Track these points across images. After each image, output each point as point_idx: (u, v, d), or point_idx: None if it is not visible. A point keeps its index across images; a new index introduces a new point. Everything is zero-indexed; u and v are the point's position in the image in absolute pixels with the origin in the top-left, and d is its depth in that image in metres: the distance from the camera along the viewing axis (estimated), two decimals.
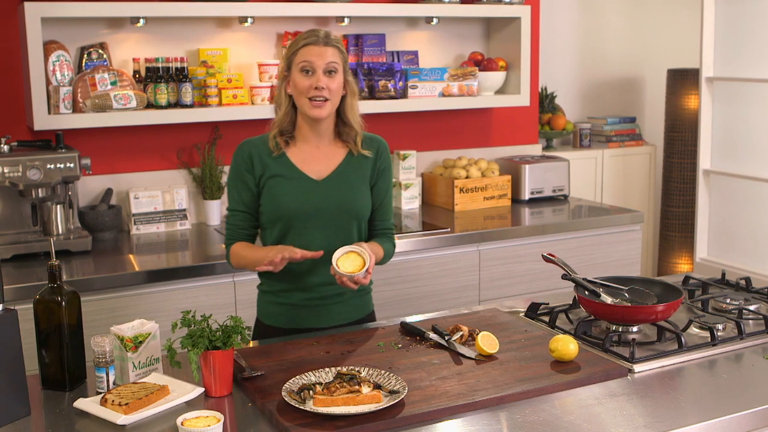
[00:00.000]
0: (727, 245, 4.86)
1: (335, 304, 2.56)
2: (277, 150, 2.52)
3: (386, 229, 2.64)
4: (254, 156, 2.52)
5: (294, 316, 2.55)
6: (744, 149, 4.72)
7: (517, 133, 4.74)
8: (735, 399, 1.99)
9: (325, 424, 1.81)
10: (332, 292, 2.54)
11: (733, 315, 2.51)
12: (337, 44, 2.47)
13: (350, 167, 2.55)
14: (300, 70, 2.44)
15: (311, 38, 2.45)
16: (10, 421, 1.90)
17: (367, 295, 2.68)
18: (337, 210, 2.50)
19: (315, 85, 2.42)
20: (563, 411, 1.92)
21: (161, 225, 3.80)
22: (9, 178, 3.25)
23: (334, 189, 2.51)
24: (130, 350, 2.08)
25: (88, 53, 3.67)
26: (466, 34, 4.49)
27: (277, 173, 2.50)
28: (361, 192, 2.55)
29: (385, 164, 2.61)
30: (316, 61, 2.42)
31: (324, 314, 2.56)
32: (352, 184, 2.54)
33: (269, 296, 2.59)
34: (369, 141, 2.60)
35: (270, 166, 2.51)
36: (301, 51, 2.45)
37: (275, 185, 2.50)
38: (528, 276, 3.87)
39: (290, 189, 2.49)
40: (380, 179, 2.60)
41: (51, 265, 2.07)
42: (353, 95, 2.54)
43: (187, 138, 3.92)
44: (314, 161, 2.54)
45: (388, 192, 2.63)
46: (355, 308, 2.61)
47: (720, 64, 4.77)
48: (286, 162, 2.52)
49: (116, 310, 3.10)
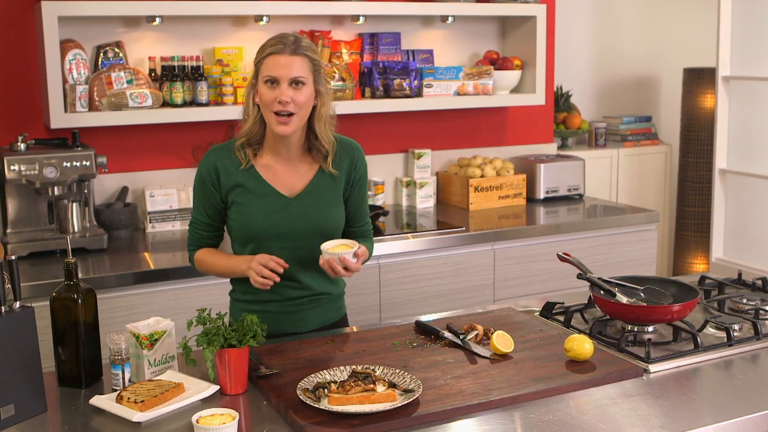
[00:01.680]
0: (744, 245, 4.83)
1: (311, 309, 2.49)
2: (245, 161, 2.39)
3: (365, 231, 2.57)
4: (220, 168, 2.40)
5: (271, 322, 2.40)
6: (760, 149, 4.69)
7: (533, 132, 4.73)
8: (751, 400, 1.98)
9: (339, 422, 1.81)
10: (309, 299, 2.48)
11: (750, 315, 2.49)
12: (306, 52, 2.31)
13: (323, 182, 2.43)
14: (264, 82, 2.30)
15: (277, 46, 2.29)
16: (26, 417, 1.91)
17: (341, 298, 2.61)
18: (309, 229, 2.39)
19: (279, 98, 2.27)
20: (578, 411, 1.91)
21: (176, 223, 3.81)
22: (25, 176, 3.27)
23: (306, 207, 2.40)
24: (145, 348, 2.08)
25: (105, 52, 3.68)
26: (482, 33, 4.49)
27: (246, 189, 2.39)
28: (335, 209, 2.45)
29: (360, 173, 2.48)
30: (281, 73, 2.27)
31: (299, 320, 2.48)
32: (325, 200, 2.43)
33: (242, 304, 2.49)
34: (342, 150, 2.46)
35: (238, 180, 2.39)
36: (267, 61, 2.30)
37: (244, 202, 2.39)
38: (543, 275, 3.86)
39: (260, 207, 2.38)
40: (355, 189, 2.49)
41: (67, 262, 2.08)
42: (323, 105, 2.38)
43: (202, 136, 3.93)
44: (285, 175, 2.42)
45: (363, 200, 2.52)
46: (329, 312, 2.55)
47: (736, 63, 4.74)
48: (255, 176, 2.40)
49: (132, 308, 3.11)
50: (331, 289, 2.53)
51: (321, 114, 2.38)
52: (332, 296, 2.55)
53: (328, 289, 2.51)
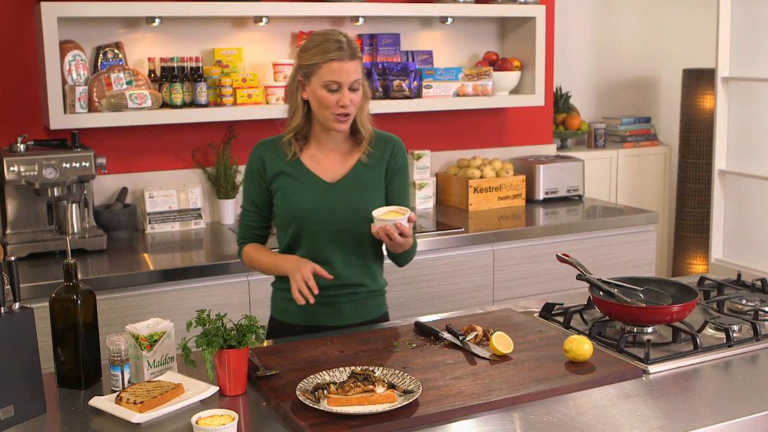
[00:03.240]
0: (743, 246, 4.83)
1: (347, 303, 2.55)
2: (292, 154, 2.52)
3: None
4: (266, 159, 2.53)
5: (306, 313, 2.53)
6: (760, 149, 4.69)
7: (532, 133, 4.73)
8: (750, 400, 1.98)
9: (339, 423, 1.81)
10: (345, 291, 2.54)
11: (749, 316, 2.49)
12: (359, 54, 2.43)
13: (364, 169, 2.54)
14: (324, 86, 2.40)
15: (336, 53, 2.37)
16: (26, 418, 1.91)
17: (381, 296, 2.66)
18: (349, 213, 2.48)
19: (341, 102, 2.40)
20: (578, 412, 1.91)
21: (176, 224, 3.81)
22: (25, 177, 3.27)
23: (346, 191, 2.50)
24: (145, 349, 2.08)
25: (104, 53, 3.68)
26: (481, 34, 4.49)
27: (290, 176, 2.51)
28: (374, 194, 2.54)
29: (399, 163, 2.58)
30: (344, 79, 2.39)
31: (335, 312, 2.55)
32: (365, 186, 2.52)
33: (283, 293, 2.57)
34: (384, 141, 2.58)
35: (283, 169, 2.51)
36: (326, 66, 2.38)
37: (288, 188, 2.50)
38: (542, 276, 3.86)
39: (302, 191, 2.49)
40: (395, 179, 2.58)
41: (67, 263, 2.08)
42: (366, 98, 2.51)
43: (201, 137, 3.94)
44: (328, 164, 2.53)
45: (403, 191, 2.60)
46: (367, 308, 2.60)
47: (736, 64, 4.75)
48: (300, 165, 2.52)
49: (131, 309, 3.11)
50: (368, 281, 2.58)
51: (364, 106, 2.51)
52: (369, 291, 2.59)
53: (363, 281, 2.57)
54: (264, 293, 3.26)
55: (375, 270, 2.60)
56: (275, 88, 3.81)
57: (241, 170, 3.95)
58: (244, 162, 3.93)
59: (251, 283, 3.30)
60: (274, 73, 3.91)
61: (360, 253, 2.53)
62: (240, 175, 3.95)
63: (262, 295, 3.27)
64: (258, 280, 3.28)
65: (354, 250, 2.51)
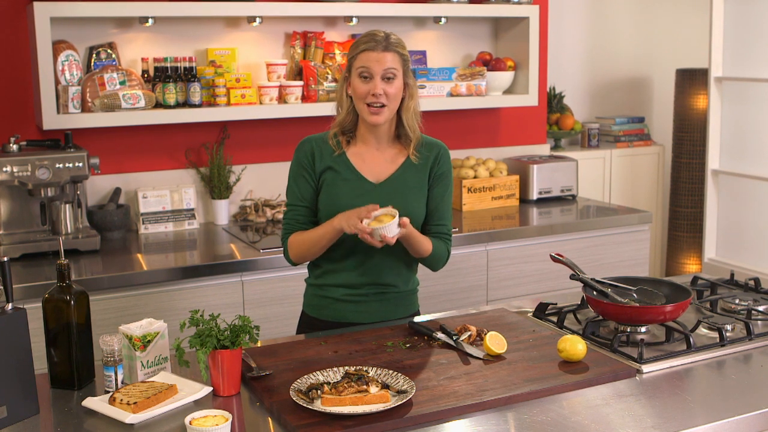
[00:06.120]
0: (736, 245, 4.84)
1: (376, 301, 2.57)
2: (338, 149, 2.54)
3: (440, 233, 2.59)
4: (315, 152, 2.54)
5: (336, 310, 2.57)
6: (753, 149, 4.71)
7: (526, 133, 4.74)
8: (744, 400, 1.98)
9: (332, 423, 1.81)
10: (375, 291, 2.56)
11: (742, 315, 2.50)
12: (397, 48, 2.46)
13: (409, 172, 2.55)
14: (359, 75, 2.44)
15: (370, 43, 2.44)
16: (19, 419, 1.90)
17: (413, 294, 2.68)
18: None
19: (372, 91, 2.42)
20: (571, 411, 1.92)
21: (169, 224, 3.80)
22: (18, 178, 3.26)
23: (389, 193, 2.51)
24: (138, 349, 2.08)
25: (97, 53, 3.68)
26: (475, 34, 4.49)
27: (336, 172, 2.52)
28: (417, 198, 2.55)
29: (443, 169, 2.59)
30: (374, 67, 2.42)
31: (363, 310, 2.57)
32: (408, 189, 2.54)
33: (314, 289, 2.62)
34: (428, 146, 2.59)
35: (330, 164, 2.53)
36: (360, 56, 2.44)
37: (333, 184, 2.52)
38: (536, 276, 3.87)
39: (347, 190, 2.51)
40: (437, 184, 2.58)
41: (60, 264, 2.08)
42: (411, 98, 2.52)
43: (195, 137, 3.93)
44: (374, 163, 2.55)
45: (444, 197, 2.60)
46: (397, 307, 2.61)
47: (729, 64, 4.76)
48: (346, 162, 2.53)
49: (125, 310, 3.10)
50: (399, 282, 2.59)
51: (409, 105, 2.52)
52: (400, 291, 2.61)
53: (394, 282, 2.58)
54: (257, 294, 3.28)
55: (408, 272, 2.62)
56: (269, 88, 3.80)
57: (234, 170, 3.95)
58: (237, 162, 3.97)
59: (245, 284, 3.30)
60: (268, 73, 3.91)
61: (397, 255, 2.54)
62: (233, 175, 3.95)
63: (255, 295, 3.28)
64: (252, 280, 3.29)
65: (392, 252, 2.51)
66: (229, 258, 3.30)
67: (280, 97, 3.85)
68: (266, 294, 3.34)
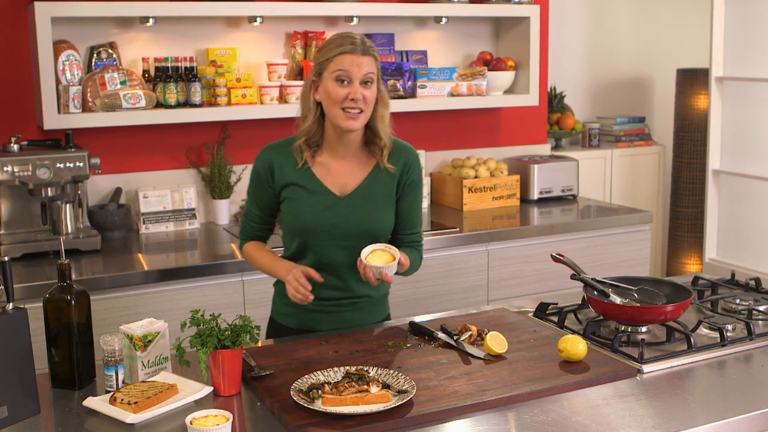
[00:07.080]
0: (737, 246, 4.84)
1: (349, 311, 2.54)
2: (302, 162, 2.44)
3: (413, 241, 2.55)
4: (275, 166, 2.45)
5: (306, 319, 2.53)
6: (753, 149, 4.71)
7: (526, 133, 4.74)
8: (744, 400, 1.98)
9: (333, 423, 1.81)
10: (348, 301, 2.52)
11: (743, 315, 2.50)
12: (373, 53, 2.38)
13: (375, 182, 2.46)
14: (335, 79, 2.33)
15: (348, 46, 2.33)
16: (20, 419, 1.90)
17: (384, 299, 2.64)
18: (356, 228, 2.42)
19: (352, 96, 2.32)
20: (572, 411, 1.92)
21: (170, 224, 3.80)
22: (19, 178, 3.26)
23: (355, 206, 2.43)
24: (139, 349, 2.08)
25: (98, 53, 3.68)
26: (475, 34, 4.49)
27: (299, 186, 2.43)
28: (384, 210, 2.47)
29: (413, 177, 2.50)
30: (353, 71, 2.32)
31: (337, 319, 2.53)
32: (375, 201, 2.45)
33: (283, 297, 2.53)
34: (398, 151, 2.49)
35: (292, 178, 2.44)
36: (337, 59, 2.33)
37: (296, 199, 2.44)
38: (537, 276, 3.87)
39: (311, 203, 2.43)
40: (407, 194, 2.50)
41: (60, 263, 2.08)
42: (384, 105, 2.43)
43: (196, 137, 3.93)
44: (339, 174, 2.45)
45: (414, 206, 2.53)
46: (369, 314, 2.58)
47: (730, 64, 4.75)
48: (310, 175, 2.44)
49: (125, 309, 3.10)
50: (372, 292, 2.56)
51: (383, 114, 2.44)
52: (372, 299, 2.57)
53: (368, 293, 2.55)
54: (258, 293, 3.27)
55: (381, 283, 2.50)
56: (269, 88, 3.80)
57: (235, 170, 3.95)
58: (238, 162, 3.97)
59: (245, 284, 3.30)
60: (269, 73, 3.91)
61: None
62: (234, 175, 3.95)
63: (256, 295, 3.28)
64: (252, 280, 3.28)
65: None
66: (229, 258, 3.30)
67: (280, 96, 3.85)
68: (267, 294, 3.31)
